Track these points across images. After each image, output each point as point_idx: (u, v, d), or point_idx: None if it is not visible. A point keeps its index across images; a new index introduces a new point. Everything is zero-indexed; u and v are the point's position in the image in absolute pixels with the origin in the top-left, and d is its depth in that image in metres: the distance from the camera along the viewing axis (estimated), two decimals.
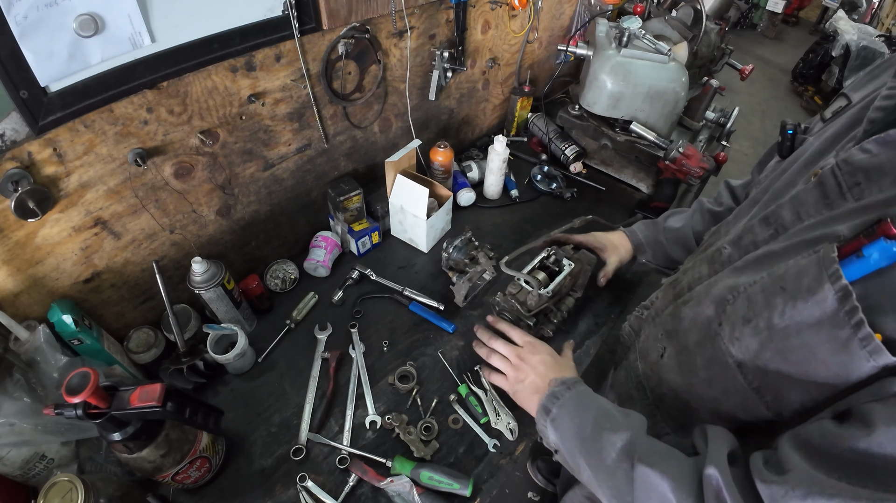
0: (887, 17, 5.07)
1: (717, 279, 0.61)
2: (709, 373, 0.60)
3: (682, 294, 0.70)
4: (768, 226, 0.57)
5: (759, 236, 0.57)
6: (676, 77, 1.29)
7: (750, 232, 0.59)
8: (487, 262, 1.09)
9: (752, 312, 0.52)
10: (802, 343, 0.46)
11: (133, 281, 0.93)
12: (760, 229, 0.58)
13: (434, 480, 0.81)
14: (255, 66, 0.89)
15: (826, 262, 0.44)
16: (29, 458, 0.75)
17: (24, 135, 0.67)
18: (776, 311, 0.48)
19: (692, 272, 0.70)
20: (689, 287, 0.68)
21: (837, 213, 0.49)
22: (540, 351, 0.80)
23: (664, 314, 0.73)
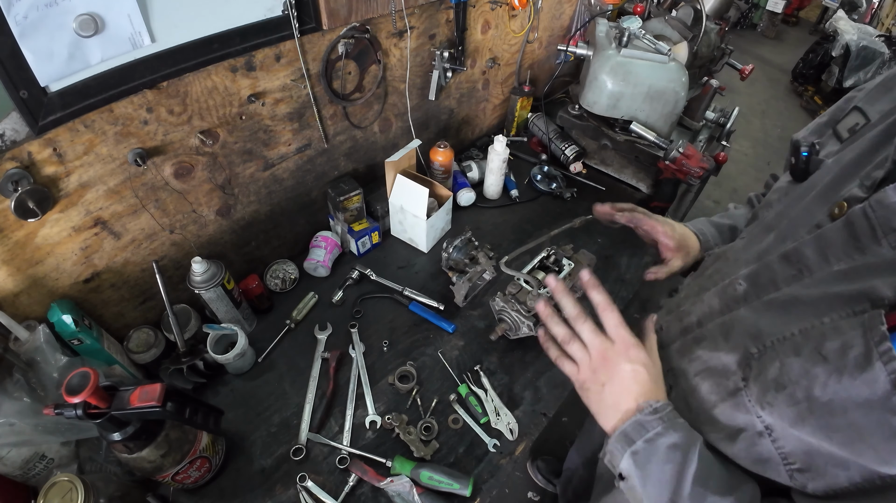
0: (887, 17, 5.07)
1: (732, 318, 0.56)
2: (727, 428, 0.54)
3: (691, 329, 0.63)
4: (790, 264, 0.51)
5: (780, 275, 0.52)
6: (676, 77, 1.29)
7: (768, 269, 0.53)
8: (487, 262, 1.09)
9: (786, 378, 0.46)
10: (849, 423, 0.41)
11: (133, 281, 0.93)
12: (781, 268, 0.52)
13: (434, 480, 0.81)
14: (255, 66, 0.89)
15: (874, 336, 0.39)
16: (29, 458, 0.75)
17: (23, 135, 0.67)
18: (817, 383, 0.43)
19: (700, 305, 0.63)
20: (699, 322, 0.62)
21: (873, 262, 0.43)
22: (634, 359, 0.59)
23: (671, 348, 0.66)
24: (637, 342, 0.62)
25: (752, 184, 3.52)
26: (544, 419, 0.95)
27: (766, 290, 0.53)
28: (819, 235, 0.49)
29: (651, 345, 0.64)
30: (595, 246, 1.29)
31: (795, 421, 0.46)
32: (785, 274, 0.51)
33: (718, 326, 0.58)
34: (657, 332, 0.69)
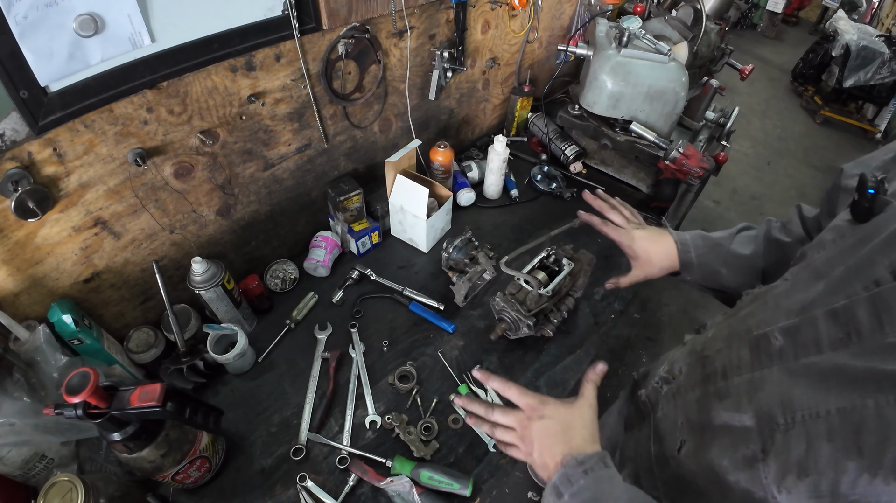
0: (887, 17, 5.07)
1: (762, 377, 0.50)
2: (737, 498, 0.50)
3: (713, 378, 0.57)
4: (838, 324, 0.44)
5: (825, 336, 0.45)
6: (676, 77, 1.29)
7: (812, 326, 0.46)
8: (487, 262, 1.09)
9: (812, 463, 0.41)
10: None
11: (133, 281, 0.93)
12: (827, 326, 0.45)
13: (434, 480, 0.81)
14: (254, 65, 0.89)
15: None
16: (29, 458, 0.75)
17: (24, 135, 0.67)
18: (845, 477, 0.38)
19: (728, 353, 0.57)
20: (724, 374, 0.56)
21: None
22: (546, 415, 0.62)
23: (688, 397, 0.61)
24: (545, 400, 0.64)
25: (751, 183, 3.52)
26: None
27: (805, 351, 0.47)
28: (876, 296, 0.42)
29: (587, 396, 0.64)
30: (595, 246, 1.29)
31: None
32: (831, 335, 0.44)
33: (745, 383, 0.52)
34: (676, 375, 0.66)
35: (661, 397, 0.68)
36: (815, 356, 0.45)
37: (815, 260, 0.54)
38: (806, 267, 0.55)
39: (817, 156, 3.94)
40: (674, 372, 0.67)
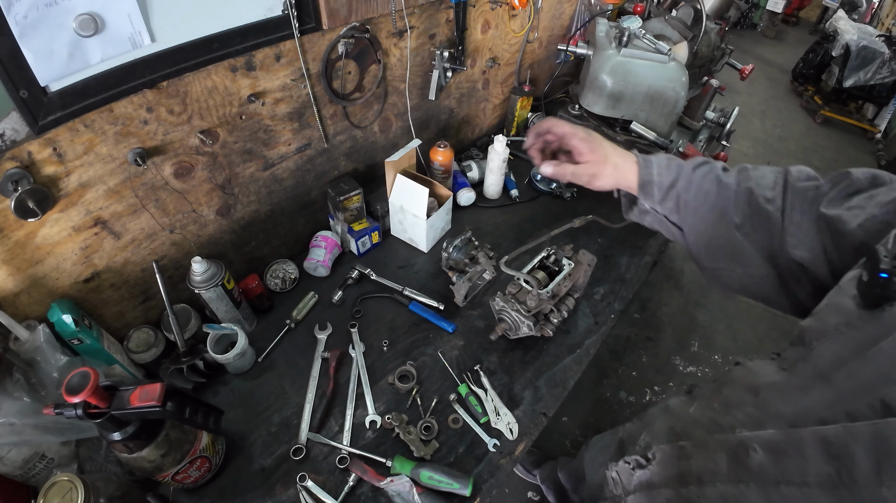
0: (887, 16, 5.07)
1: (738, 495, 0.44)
2: None
3: (687, 480, 0.51)
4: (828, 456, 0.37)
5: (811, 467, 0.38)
6: (676, 77, 1.29)
7: (798, 450, 0.39)
8: (487, 262, 1.09)
9: None
10: None
11: (133, 280, 0.93)
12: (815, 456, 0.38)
13: (434, 480, 0.81)
14: (254, 65, 0.89)
15: None
16: (29, 458, 0.75)
17: (23, 134, 0.67)
18: None
19: (705, 455, 0.50)
20: (700, 479, 0.49)
21: None
22: None
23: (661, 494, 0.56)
24: None
25: None
26: (544, 419, 0.95)
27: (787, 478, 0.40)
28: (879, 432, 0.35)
29: None
30: (595, 246, 1.29)
31: None
32: (817, 468, 0.38)
33: (719, 499, 0.46)
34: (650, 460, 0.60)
35: (633, 482, 0.62)
36: (797, 488, 0.39)
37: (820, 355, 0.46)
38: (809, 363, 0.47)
39: (817, 155, 3.94)
40: (648, 454, 0.61)
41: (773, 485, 0.41)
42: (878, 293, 0.41)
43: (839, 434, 0.37)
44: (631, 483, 0.62)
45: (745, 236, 0.64)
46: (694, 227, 0.69)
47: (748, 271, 0.65)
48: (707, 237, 0.68)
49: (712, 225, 0.66)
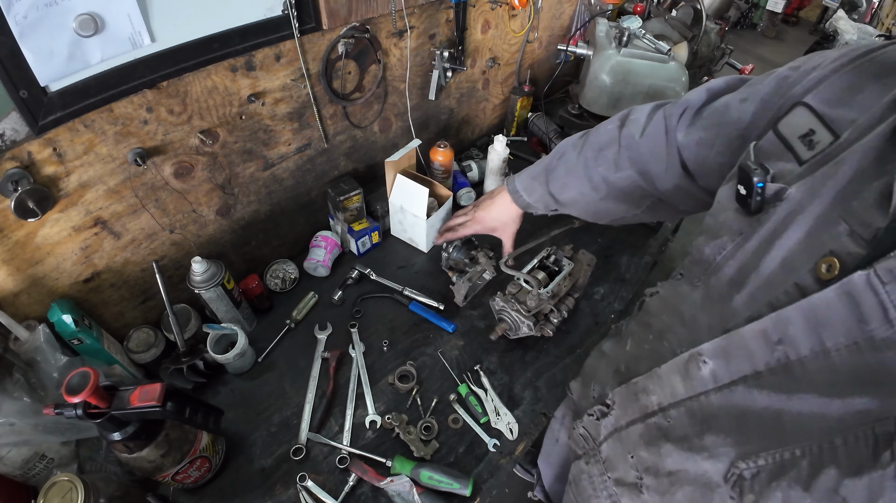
0: (887, 16, 5.07)
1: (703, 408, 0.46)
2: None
3: (651, 411, 0.52)
4: (769, 344, 0.39)
5: (759, 357, 0.40)
6: (676, 77, 1.29)
7: (742, 346, 0.41)
8: (487, 262, 1.09)
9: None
10: None
11: (133, 281, 0.93)
12: (760, 348, 0.40)
13: (434, 480, 0.81)
14: (254, 65, 0.89)
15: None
16: (29, 458, 0.75)
17: (23, 134, 0.67)
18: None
19: (659, 384, 0.51)
20: (661, 406, 0.51)
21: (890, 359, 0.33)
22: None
23: (632, 433, 0.56)
24: None
25: None
26: (544, 419, 0.95)
27: (741, 376, 0.41)
28: (807, 308, 0.37)
29: None
30: (595, 246, 1.29)
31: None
32: (766, 358, 0.39)
33: (687, 415, 0.47)
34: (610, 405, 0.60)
35: (602, 430, 0.63)
36: (753, 381, 0.40)
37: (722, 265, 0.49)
38: (715, 275, 0.49)
39: None
40: (606, 400, 0.62)
41: (730, 386, 0.42)
42: (759, 201, 0.45)
43: (773, 320, 0.39)
44: (600, 433, 0.64)
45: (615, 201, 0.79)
46: (576, 211, 0.88)
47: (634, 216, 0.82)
48: (591, 212, 0.86)
49: (585, 205, 0.84)
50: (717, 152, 0.61)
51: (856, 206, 0.38)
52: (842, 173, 0.40)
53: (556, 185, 0.85)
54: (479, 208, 1.02)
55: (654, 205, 0.78)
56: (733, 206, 0.49)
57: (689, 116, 0.66)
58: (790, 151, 0.46)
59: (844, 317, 0.34)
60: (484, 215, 1.01)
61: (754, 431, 0.40)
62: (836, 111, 0.44)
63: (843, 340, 0.34)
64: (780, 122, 0.48)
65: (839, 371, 0.35)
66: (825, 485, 0.34)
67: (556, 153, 0.87)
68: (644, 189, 0.76)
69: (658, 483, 0.51)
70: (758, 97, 0.56)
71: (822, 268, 0.37)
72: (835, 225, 0.38)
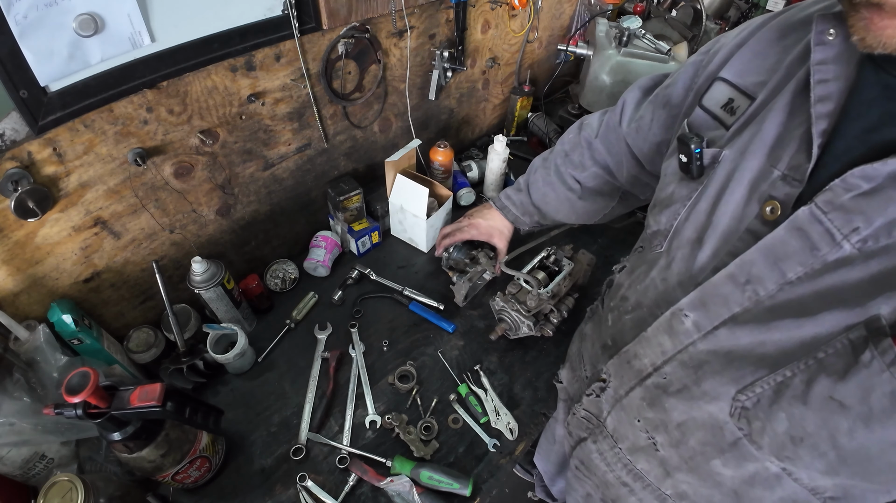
0: None
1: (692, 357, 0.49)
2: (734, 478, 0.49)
3: (647, 373, 0.55)
4: (739, 286, 0.43)
5: (735, 301, 0.44)
6: None
7: (715, 293, 0.45)
8: (487, 263, 1.09)
9: (801, 430, 0.40)
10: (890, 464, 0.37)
11: (133, 280, 0.93)
12: (732, 291, 0.44)
13: (434, 480, 0.81)
14: (254, 65, 0.89)
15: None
16: (29, 458, 0.75)
17: (23, 134, 0.67)
18: (841, 433, 0.38)
19: (647, 345, 0.54)
20: (655, 365, 0.54)
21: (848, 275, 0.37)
22: None
23: (633, 398, 0.59)
24: None
25: None
26: (544, 419, 0.95)
27: (721, 320, 0.45)
28: (764, 248, 0.41)
29: None
30: (595, 246, 1.29)
31: (827, 471, 0.40)
32: (738, 298, 0.43)
33: (680, 368, 0.51)
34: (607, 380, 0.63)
35: (604, 405, 0.65)
36: (731, 322, 0.44)
37: (682, 227, 0.53)
38: (676, 236, 0.54)
39: None
40: (601, 375, 0.64)
41: (713, 332, 0.46)
42: (699, 165, 0.51)
43: (738, 265, 0.43)
44: (602, 409, 0.66)
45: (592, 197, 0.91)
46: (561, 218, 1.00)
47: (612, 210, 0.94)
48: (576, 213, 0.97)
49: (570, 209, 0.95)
50: (653, 133, 0.69)
51: (783, 154, 0.43)
52: (765, 129, 0.45)
53: (537, 195, 0.98)
54: (474, 216, 1.09)
55: (625, 195, 0.90)
56: (678, 175, 0.54)
57: (630, 110, 0.76)
58: (716, 121, 0.52)
59: (798, 248, 0.39)
60: (480, 221, 1.07)
61: (745, 365, 0.44)
62: (748, 78, 0.50)
63: (801, 269, 0.39)
64: (703, 97, 0.54)
65: (805, 295, 0.39)
66: (820, 395, 0.38)
67: (530, 170, 1.00)
68: (611, 182, 0.88)
69: (670, 437, 0.54)
70: (679, 81, 0.63)
71: (766, 210, 0.42)
72: (769, 174, 0.43)
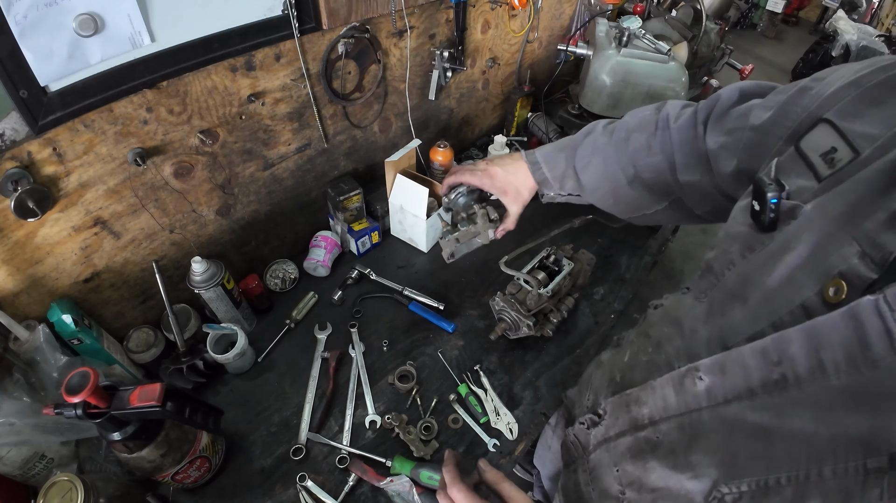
0: (887, 17, 5.07)
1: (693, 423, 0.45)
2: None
3: (642, 424, 0.51)
4: (768, 363, 0.38)
5: (756, 377, 0.39)
6: (676, 77, 1.29)
7: (740, 363, 0.40)
8: (485, 225, 0.90)
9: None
10: None
11: (133, 280, 0.93)
12: (757, 365, 0.39)
13: (434, 480, 0.81)
14: (254, 65, 0.89)
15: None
16: (29, 458, 0.75)
17: (23, 134, 0.67)
18: None
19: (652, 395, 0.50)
20: (653, 419, 0.50)
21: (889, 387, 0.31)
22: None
23: (620, 445, 0.55)
24: None
25: None
26: (544, 419, 0.95)
27: (736, 394, 0.41)
28: (810, 330, 0.35)
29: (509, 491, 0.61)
30: (595, 246, 1.29)
31: None
32: (763, 376, 0.38)
33: (677, 430, 0.46)
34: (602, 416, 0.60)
35: (591, 440, 0.63)
36: (748, 400, 0.39)
37: (726, 278, 0.48)
38: (719, 287, 0.49)
39: None
40: (598, 411, 0.62)
41: (724, 404, 0.41)
42: (772, 217, 0.44)
43: (775, 340, 0.38)
44: (589, 442, 0.63)
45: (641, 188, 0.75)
46: (596, 197, 0.81)
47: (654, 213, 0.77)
48: (612, 200, 0.80)
49: (610, 191, 0.78)
50: (732, 153, 0.60)
51: (868, 226, 0.36)
52: (857, 192, 0.39)
53: (581, 162, 0.79)
54: (494, 162, 0.87)
55: (674, 204, 0.75)
56: (747, 222, 0.47)
57: (718, 114, 0.64)
58: (810, 169, 0.44)
59: (847, 338, 0.33)
60: (498, 171, 0.85)
61: (742, 451, 0.39)
62: (858, 126, 0.42)
63: (842, 362, 0.33)
64: (803, 139, 0.46)
65: (835, 391, 0.34)
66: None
67: (584, 132, 0.81)
68: (668, 183, 0.73)
69: (640, 498, 0.50)
70: (777, 103, 0.54)
71: (830, 291, 0.36)
72: (845, 245, 0.37)
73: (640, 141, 0.73)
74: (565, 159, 0.81)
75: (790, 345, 0.36)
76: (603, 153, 0.77)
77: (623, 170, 0.75)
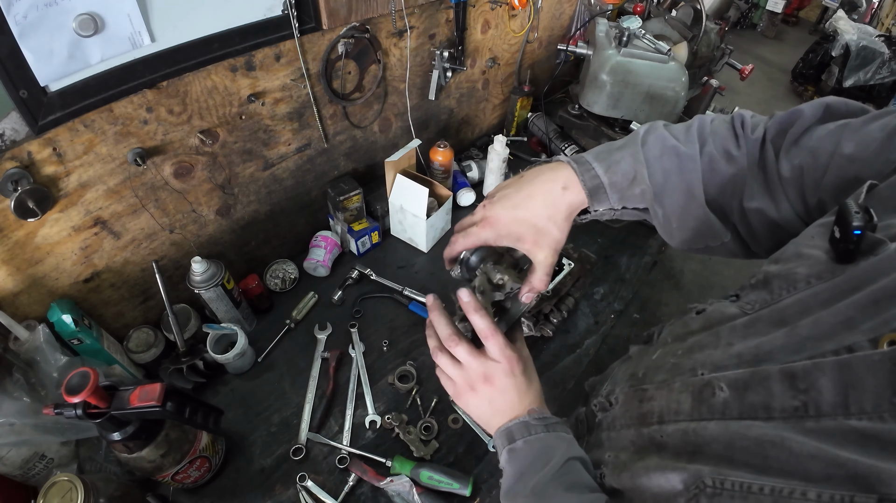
0: (887, 17, 5.07)
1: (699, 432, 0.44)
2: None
3: (649, 420, 0.51)
4: (794, 391, 0.37)
5: (777, 401, 0.38)
6: (676, 77, 1.29)
7: (764, 386, 0.39)
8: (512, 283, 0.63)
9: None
10: None
11: (133, 280, 0.93)
12: (781, 390, 0.38)
13: (434, 480, 0.81)
14: (254, 65, 0.89)
15: None
16: (29, 458, 0.75)
17: (23, 134, 0.67)
18: None
19: (668, 395, 0.49)
20: (661, 418, 0.49)
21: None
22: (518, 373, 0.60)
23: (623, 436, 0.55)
24: (519, 357, 0.61)
25: None
26: None
27: (752, 412, 0.40)
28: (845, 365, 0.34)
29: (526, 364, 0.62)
30: (595, 246, 1.29)
31: None
32: (783, 402, 0.37)
33: (681, 433, 0.46)
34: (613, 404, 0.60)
35: (596, 424, 0.62)
36: (762, 421, 0.39)
37: (781, 299, 0.45)
38: (771, 307, 0.45)
39: None
40: (611, 399, 0.61)
41: (737, 420, 0.41)
42: (851, 249, 0.40)
43: (806, 368, 0.37)
44: (594, 425, 0.63)
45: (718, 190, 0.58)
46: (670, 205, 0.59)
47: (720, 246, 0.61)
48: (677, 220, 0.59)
49: (682, 206, 0.58)
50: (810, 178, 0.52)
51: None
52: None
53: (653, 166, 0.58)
54: (496, 202, 0.60)
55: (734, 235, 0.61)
56: (824, 247, 0.43)
57: (798, 131, 0.55)
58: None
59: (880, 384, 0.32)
60: (502, 213, 0.59)
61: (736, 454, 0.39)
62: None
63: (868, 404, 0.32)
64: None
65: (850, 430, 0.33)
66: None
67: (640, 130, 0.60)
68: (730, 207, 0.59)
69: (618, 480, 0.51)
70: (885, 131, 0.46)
71: (885, 342, 0.34)
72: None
73: (717, 145, 0.57)
74: (632, 156, 0.57)
75: (821, 377, 0.35)
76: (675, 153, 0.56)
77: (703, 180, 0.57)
